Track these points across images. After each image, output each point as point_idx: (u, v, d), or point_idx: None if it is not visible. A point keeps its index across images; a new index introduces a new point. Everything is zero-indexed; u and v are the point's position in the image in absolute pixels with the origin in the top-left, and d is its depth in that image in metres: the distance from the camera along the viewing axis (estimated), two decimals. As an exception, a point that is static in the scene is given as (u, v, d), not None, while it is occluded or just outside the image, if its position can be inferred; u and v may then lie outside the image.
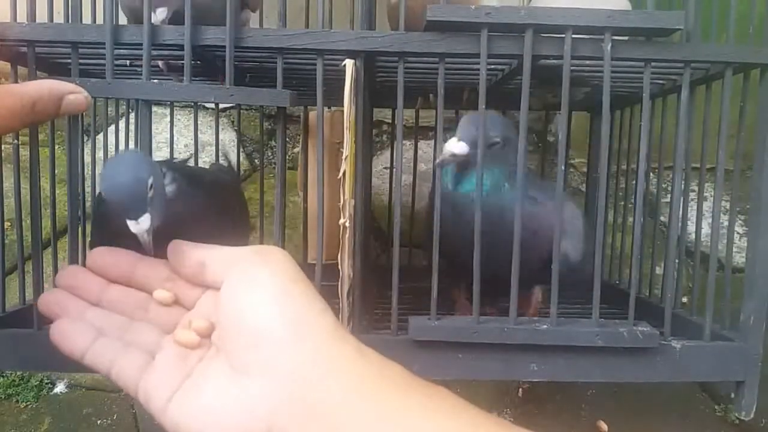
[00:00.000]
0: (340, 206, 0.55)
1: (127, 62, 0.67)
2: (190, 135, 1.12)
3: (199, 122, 0.87)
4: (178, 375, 0.37)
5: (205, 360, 0.38)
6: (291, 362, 0.34)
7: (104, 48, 0.52)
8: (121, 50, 0.57)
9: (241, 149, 1.21)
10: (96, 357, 0.38)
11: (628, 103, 0.85)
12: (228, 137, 1.18)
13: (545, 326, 0.56)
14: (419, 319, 0.58)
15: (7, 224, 0.66)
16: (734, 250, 0.64)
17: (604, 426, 1.09)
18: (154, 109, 1.07)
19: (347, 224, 0.55)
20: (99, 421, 1.12)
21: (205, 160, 0.97)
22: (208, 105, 1.12)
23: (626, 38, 0.56)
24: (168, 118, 0.96)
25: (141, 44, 0.52)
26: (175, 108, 0.97)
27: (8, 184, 0.62)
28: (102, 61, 0.54)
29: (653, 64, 0.57)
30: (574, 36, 0.54)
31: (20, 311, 0.63)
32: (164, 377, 0.37)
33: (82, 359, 0.38)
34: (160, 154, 1.07)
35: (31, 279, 0.60)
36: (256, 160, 1.21)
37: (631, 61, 0.57)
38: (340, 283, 0.56)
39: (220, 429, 0.34)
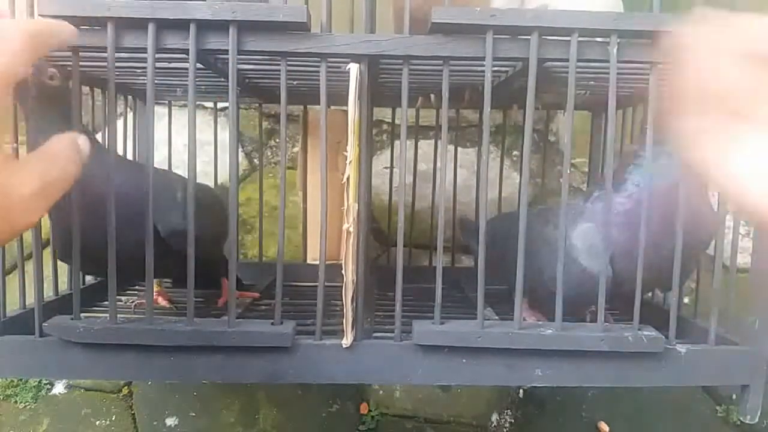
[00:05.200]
0: (344, 211, 0.54)
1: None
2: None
3: (198, 121, 0.86)
4: None
5: None
6: None
7: (106, 52, 0.52)
8: (123, 54, 0.56)
9: (240, 149, 1.20)
10: None
11: (630, 103, 0.84)
12: (227, 136, 1.17)
13: (550, 331, 0.56)
14: (423, 324, 0.57)
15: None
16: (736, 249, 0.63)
17: (605, 427, 1.09)
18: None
19: (351, 229, 0.54)
20: (98, 422, 1.12)
21: (204, 159, 0.96)
22: (206, 104, 1.11)
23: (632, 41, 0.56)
24: (167, 118, 0.95)
25: (145, 49, 0.51)
26: (173, 107, 0.97)
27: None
28: (104, 64, 0.53)
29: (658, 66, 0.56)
30: (579, 39, 0.53)
31: (21, 316, 0.62)
32: None
33: None
34: (158, 153, 1.06)
35: (31, 280, 0.60)
36: (255, 160, 1.20)
37: (636, 63, 0.56)
38: (344, 288, 0.55)
39: None
